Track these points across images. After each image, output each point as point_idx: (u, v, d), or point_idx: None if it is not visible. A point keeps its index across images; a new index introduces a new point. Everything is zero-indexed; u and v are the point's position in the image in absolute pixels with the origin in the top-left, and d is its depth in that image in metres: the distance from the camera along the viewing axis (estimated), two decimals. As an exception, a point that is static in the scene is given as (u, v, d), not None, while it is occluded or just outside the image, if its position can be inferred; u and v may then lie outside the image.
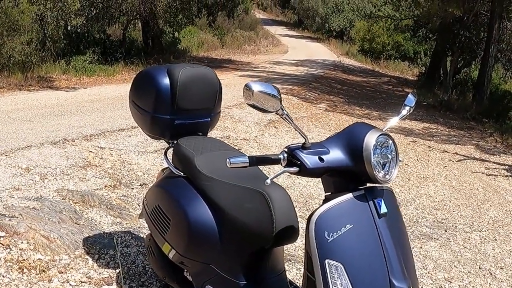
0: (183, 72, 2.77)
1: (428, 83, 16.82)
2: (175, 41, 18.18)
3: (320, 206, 1.89)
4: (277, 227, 2.22)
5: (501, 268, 4.13)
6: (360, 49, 24.93)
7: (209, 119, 2.96)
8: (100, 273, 3.24)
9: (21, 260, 3.23)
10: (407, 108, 2.27)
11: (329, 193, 1.94)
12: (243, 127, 7.65)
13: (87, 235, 3.65)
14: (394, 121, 2.25)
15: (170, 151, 2.88)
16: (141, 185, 4.66)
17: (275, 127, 8.10)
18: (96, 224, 3.86)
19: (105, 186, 4.53)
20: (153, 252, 2.86)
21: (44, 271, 3.17)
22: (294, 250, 3.83)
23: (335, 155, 1.89)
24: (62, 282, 3.09)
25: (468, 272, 3.98)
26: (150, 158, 5.43)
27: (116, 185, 4.60)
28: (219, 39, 22.45)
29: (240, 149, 6.18)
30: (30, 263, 3.22)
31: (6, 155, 4.88)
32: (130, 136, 6.04)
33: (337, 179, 1.93)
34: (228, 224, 2.39)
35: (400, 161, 2.28)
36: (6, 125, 6.12)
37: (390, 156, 1.90)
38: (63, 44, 12.12)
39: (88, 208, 4.09)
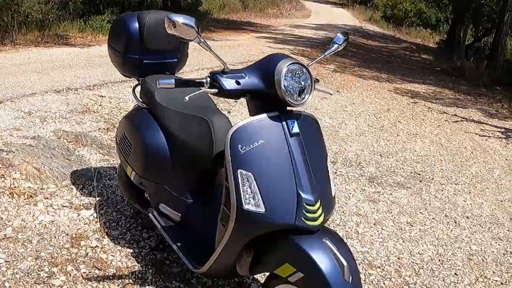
0: (150, 17, 3.07)
1: (446, 50, 16.73)
2: (196, 3, 18.33)
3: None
4: (216, 149, 2.52)
5: (467, 218, 4.33)
6: (383, 15, 24.74)
7: (176, 59, 3.25)
8: (81, 200, 3.59)
9: (12, 187, 3.60)
10: (335, 45, 2.50)
11: (252, 116, 2.21)
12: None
13: (76, 169, 4.00)
14: (320, 57, 2.49)
15: (139, 88, 3.20)
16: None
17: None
18: (85, 160, 4.21)
19: (99, 129, 4.88)
20: (122, 177, 3.21)
21: (31, 196, 3.54)
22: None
23: (251, 79, 2.15)
24: (46, 206, 3.45)
25: (433, 218, 4.20)
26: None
27: (110, 128, 4.95)
28: (241, 2, 22.50)
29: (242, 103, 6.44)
30: (20, 190, 3.58)
31: (11, 101, 5.25)
32: (131, 87, 6.34)
33: (257, 103, 2.19)
34: (177, 147, 2.71)
35: (330, 94, 2.55)
36: (15, 76, 6.48)
37: (303, 83, 2.14)
38: (80, 3, 12.37)
39: (80, 147, 4.44)
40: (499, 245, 3.91)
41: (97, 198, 3.62)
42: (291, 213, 2.04)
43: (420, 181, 4.97)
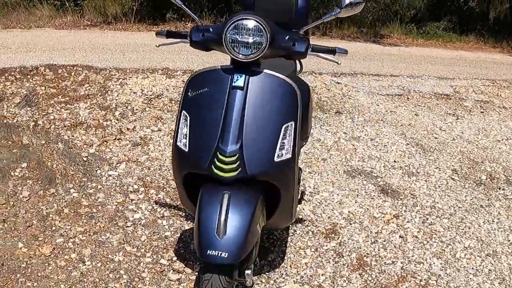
0: None
1: None
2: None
3: None
4: None
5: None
6: None
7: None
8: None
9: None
10: (337, 10, 2.24)
11: None
12: None
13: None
14: (317, 22, 2.34)
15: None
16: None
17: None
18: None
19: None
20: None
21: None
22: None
23: (214, 33, 2.24)
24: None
25: None
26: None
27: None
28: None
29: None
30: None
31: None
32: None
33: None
34: None
35: (337, 63, 2.38)
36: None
37: (251, 39, 2.08)
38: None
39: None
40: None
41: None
42: (206, 158, 2.11)
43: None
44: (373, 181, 3.89)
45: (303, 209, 3.43)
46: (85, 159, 3.81)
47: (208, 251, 1.94)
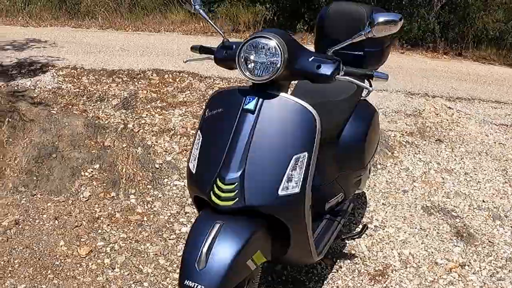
0: (332, 8, 3.12)
1: None
2: None
3: None
4: None
5: None
6: None
7: (362, 53, 3.12)
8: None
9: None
10: (368, 29, 2.03)
11: None
12: None
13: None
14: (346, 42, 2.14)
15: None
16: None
17: None
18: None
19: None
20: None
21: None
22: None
23: (235, 51, 2.17)
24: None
25: None
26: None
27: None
28: None
29: None
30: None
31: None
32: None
33: None
34: None
35: (369, 89, 2.21)
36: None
37: (265, 59, 1.98)
38: None
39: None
40: None
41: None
42: (207, 184, 2.03)
43: None
44: (450, 221, 3.54)
45: (359, 244, 3.21)
46: (157, 166, 3.91)
47: (186, 281, 1.86)
